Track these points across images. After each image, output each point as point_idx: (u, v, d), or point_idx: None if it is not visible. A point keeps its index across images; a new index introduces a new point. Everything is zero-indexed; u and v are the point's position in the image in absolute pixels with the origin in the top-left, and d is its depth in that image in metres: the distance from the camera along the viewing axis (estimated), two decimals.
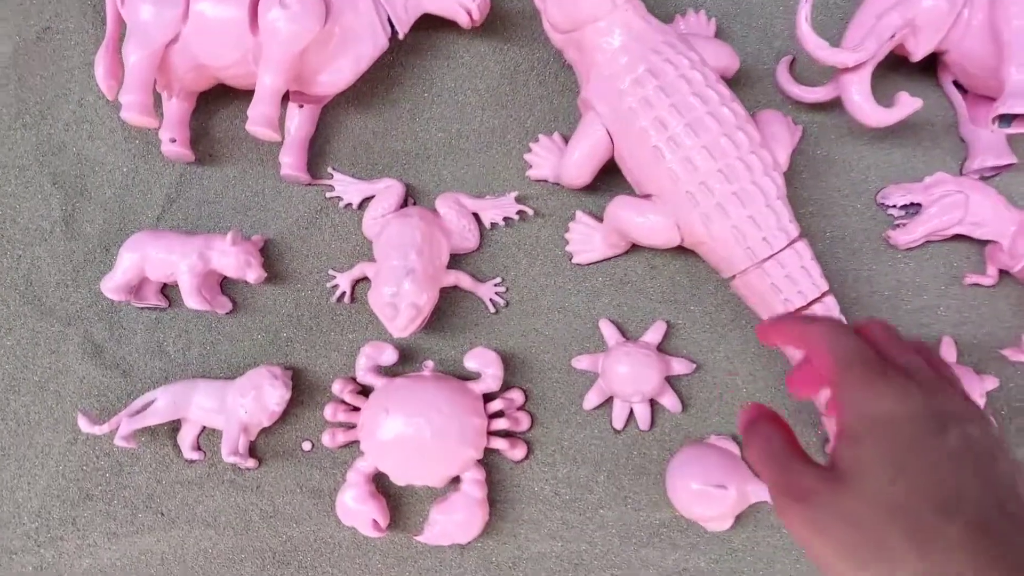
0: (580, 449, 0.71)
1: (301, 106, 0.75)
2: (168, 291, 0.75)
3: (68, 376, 0.72)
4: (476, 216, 0.75)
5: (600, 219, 0.74)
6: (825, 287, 0.64)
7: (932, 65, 0.77)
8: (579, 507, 0.70)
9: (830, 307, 0.64)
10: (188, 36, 0.69)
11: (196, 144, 0.77)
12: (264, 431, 0.71)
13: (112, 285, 0.70)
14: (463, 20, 0.74)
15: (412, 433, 0.66)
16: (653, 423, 0.71)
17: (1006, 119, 0.67)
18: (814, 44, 0.69)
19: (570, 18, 0.68)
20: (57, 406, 0.72)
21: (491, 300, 0.74)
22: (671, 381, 0.72)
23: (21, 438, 0.71)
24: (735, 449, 0.69)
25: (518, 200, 0.76)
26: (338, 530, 0.69)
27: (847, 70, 0.71)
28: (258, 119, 0.68)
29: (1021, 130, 0.68)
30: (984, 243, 0.73)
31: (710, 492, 0.64)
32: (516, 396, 0.71)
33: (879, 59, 0.71)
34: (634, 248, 0.74)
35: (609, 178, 0.72)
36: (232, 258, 0.70)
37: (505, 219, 0.76)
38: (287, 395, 0.69)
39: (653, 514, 0.69)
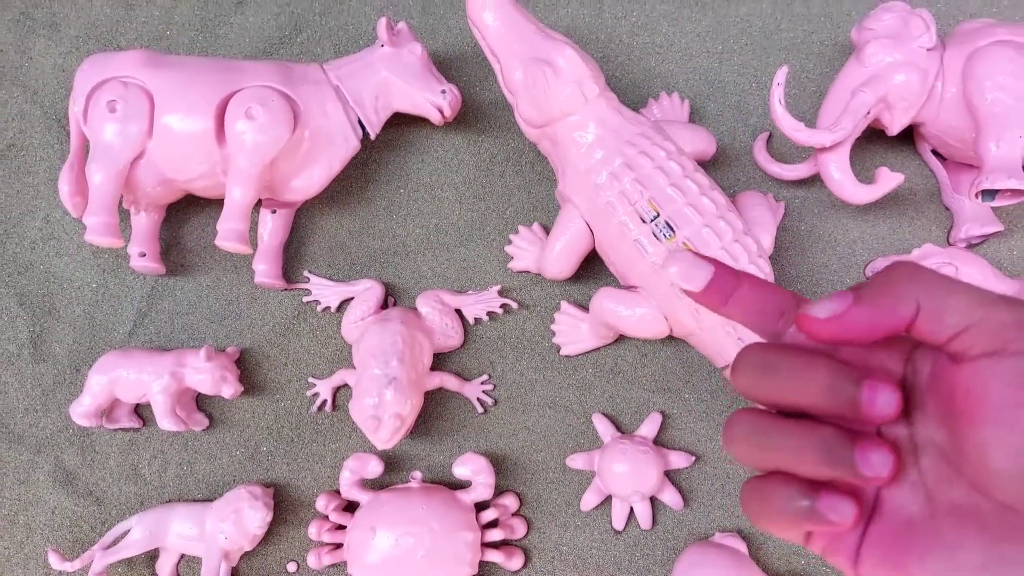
0: (580, 554, 0.68)
1: (273, 212, 0.74)
2: (141, 410, 0.72)
3: (39, 507, 0.69)
4: (459, 313, 0.74)
5: (585, 308, 0.72)
6: None
7: (911, 134, 0.77)
8: None
9: None
10: (154, 151, 0.68)
11: (167, 254, 0.75)
12: (246, 554, 0.67)
13: (82, 411, 0.67)
14: (435, 118, 0.74)
15: (402, 553, 0.62)
16: (655, 521, 0.68)
17: (989, 193, 0.67)
18: (790, 127, 0.68)
19: (543, 113, 0.67)
20: (28, 540, 0.68)
21: (479, 399, 0.72)
22: (670, 475, 0.69)
23: None
24: (743, 547, 0.66)
25: (501, 293, 0.74)
26: None
27: (825, 149, 0.70)
28: (228, 235, 0.66)
29: (1007, 203, 0.67)
30: None
31: None
32: (510, 502, 0.68)
33: (856, 136, 0.70)
34: (623, 336, 0.72)
35: (592, 266, 0.71)
36: (207, 375, 0.68)
37: (489, 313, 0.74)
38: (268, 516, 0.65)
39: None
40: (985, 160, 0.65)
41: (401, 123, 0.77)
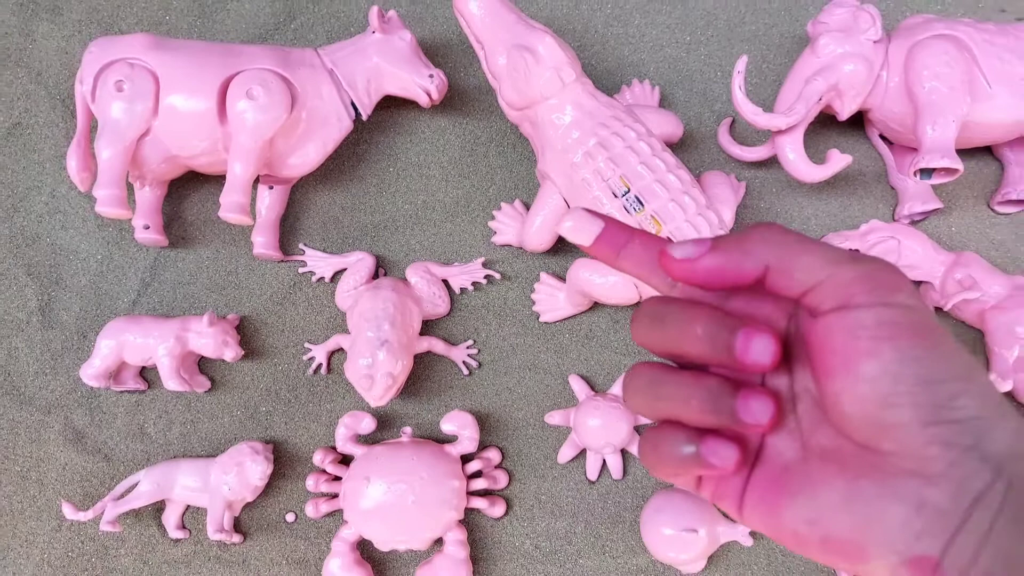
0: (557, 502, 0.74)
1: (271, 187, 0.78)
2: (146, 373, 0.76)
3: (50, 464, 0.73)
4: (446, 283, 0.79)
5: (562, 279, 0.78)
6: None
7: (862, 120, 0.84)
8: (559, 559, 0.72)
9: None
10: (159, 129, 0.72)
11: (169, 228, 0.80)
12: (248, 505, 0.73)
13: (92, 372, 0.72)
14: (423, 100, 0.79)
15: (394, 499, 0.68)
16: (625, 472, 0.74)
17: (927, 171, 0.74)
18: (749, 111, 0.75)
19: (523, 96, 0.72)
20: (40, 494, 0.72)
21: (464, 362, 0.77)
22: (639, 430, 0.75)
23: (4, 528, 0.72)
24: None
25: (485, 265, 0.79)
26: None
27: (781, 132, 0.76)
28: (231, 207, 0.71)
29: (942, 180, 0.74)
30: (918, 283, 0.79)
31: (682, 536, 0.68)
32: (493, 455, 0.74)
33: (809, 120, 0.77)
34: (597, 304, 0.78)
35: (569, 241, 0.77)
36: (209, 339, 0.72)
37: (473, 284, 0.79)
38: (269, 469, 0.70)
39: (631, 560, 0.72)
40: (923, 142, 0.72)
41: (391, 105, 0.82)
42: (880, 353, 0.24)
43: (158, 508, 0.72)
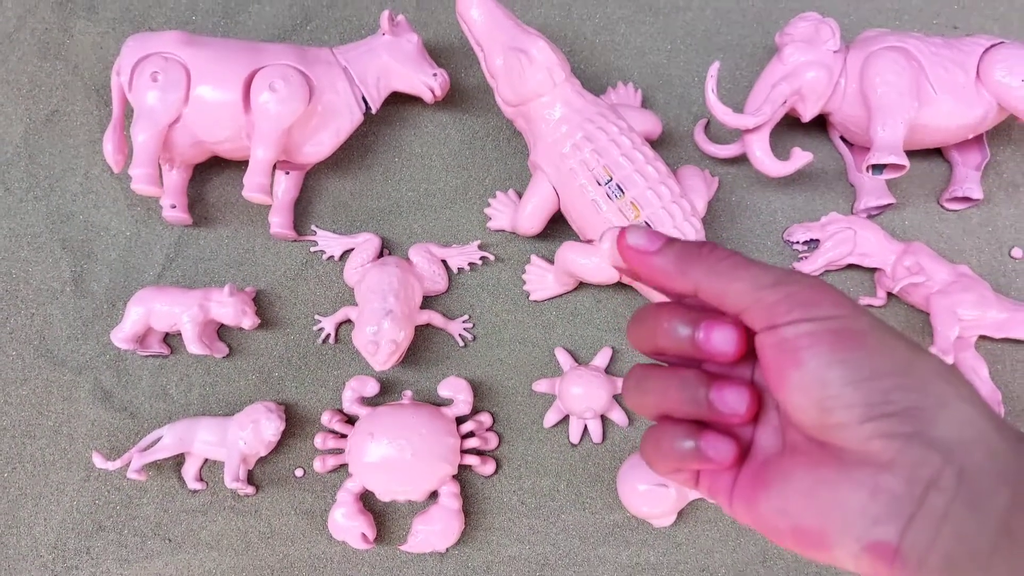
0: (542, 462, 0.81)
1: (287, 173, 0.86)
2: (170, 340, 0.83)
3: (80, 420, 0.80)
4: (444, 263, 0.87)
5: (551, 261, 0.86)
6: None
7: (824, 123, 0.92)
8: (543, 513, 0.79)
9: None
10: (189, 117, 0.80)
11: (192, 208, 0.87)
12: (261, 460, 0.79)
13: (122, 336, 0.79)
14: (427, 97, 0.87)
15: (395, 454, 0.75)
16: (604, 436, 0.82)
17: (878, 167, 0.82)
18: (720, 112, 0.83)
19: (518, 94, 0.81)
20: (70, 447, 0.79)
21: (460, 335, 0.85)
22: (618, 399, 0.83)
23: (37, 478, 0.78)
24: None
25: (480, 248, 0.87)
26: (330, 546, 0.77)
27: (749, 131, 0.85)
28: (253, 187, 0.78)
29: (892, 176, 0.82)
30: (873, 270, 0.87)
31: (654, 491, 0.75)
32: (485, 418, 0.81)
33: (775, 121, 0.85)
34: (582, 285, 0.85)
35: (557, 226, 0.85)
36: (229, 308, 0.80)
37: (470, 264, 0.87)
38: (282, 427, 0.77)
39: (608, 516, 0.79)
40: (874, 140, 0.80)
41: (398, 101, 0.90)
42: (803, 363, 0.26)
43: (178, 462, 0.79)
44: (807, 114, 0.86)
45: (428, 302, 0.85)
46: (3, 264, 0.85)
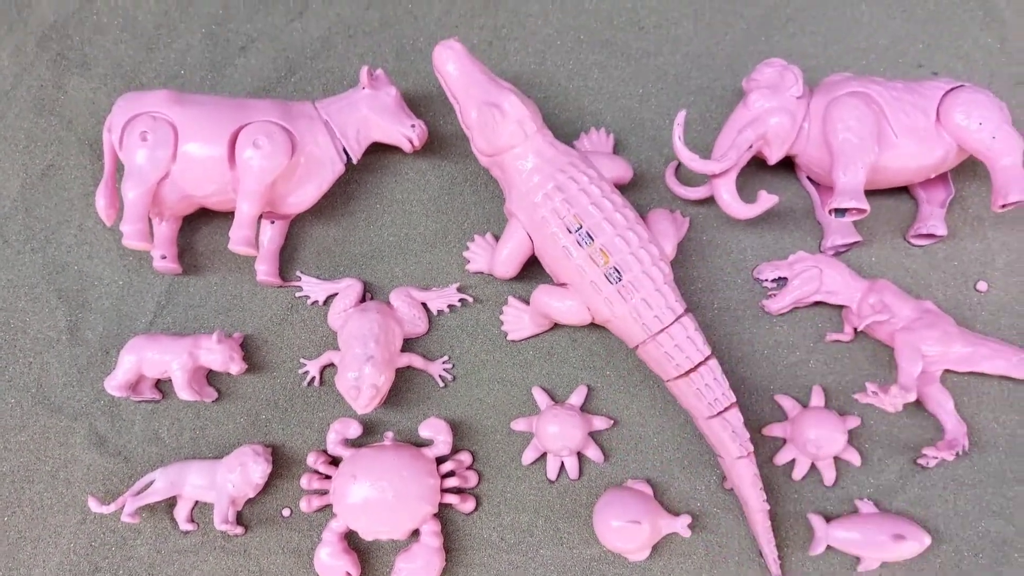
0: (521, 499, 0.84)
1: (272, 222, 0.90)
2: (161, 385, 0.87)
3: (76, 465, 0.83)
4: (425, 305, 0.90)
5: (528, 302, 0.89)
6: (708, 352, 0.79)
7: (793, 163, 0.95)
8: (522, 549, 0.82)
9: (712, 368, 0.79)
10: (177, 172, 0.83)
11: (182, 257, 0.90)
12: (249, 501, 0.83)
13: (115, 384, 0.82)
14: (406, 147, 0.90)
15: (377, 495, 0.78)
16: (581, 472, 0.85)
17: (840, 211, 0.85)
18: (687, 157, 0.86)
19: (492, 145, 0.84)
20: (67, 491, 0.83)
21: (440, 376, 0.88)
22: (594, 436, 0.86)
23: (36, 522, 0.81)
24: (648, 490, 0.83)
25: (460, 290, 0.90)
26: None
27: (716, 175, 0.88)
28: (239, 240, 0.82)
29: (853, 218, 0.85)
30: (841, 307, 0.90)
31: (627, 527, 0.78)
32: (464, 457, 0.84)
33: (741, 165, 0.88)
34: (558, 325, 0.89)
35: (534, 268, 0.88)
36: (217, 355, 0.83)
37: (449, 306, 0.90)
38: (268, 469, 0.80)
39: (585, 550, 0.82)
40: (836, 185, 0.83)
41: (379, 150, 0.94)
42: None
43: (170, 504, 0.82)
44: (773, 157, 0.90)
45: (409, 344, 0.89)
46: (1, 314, 0.88)
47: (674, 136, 0.86)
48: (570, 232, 0.80)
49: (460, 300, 0.90)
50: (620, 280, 0.78)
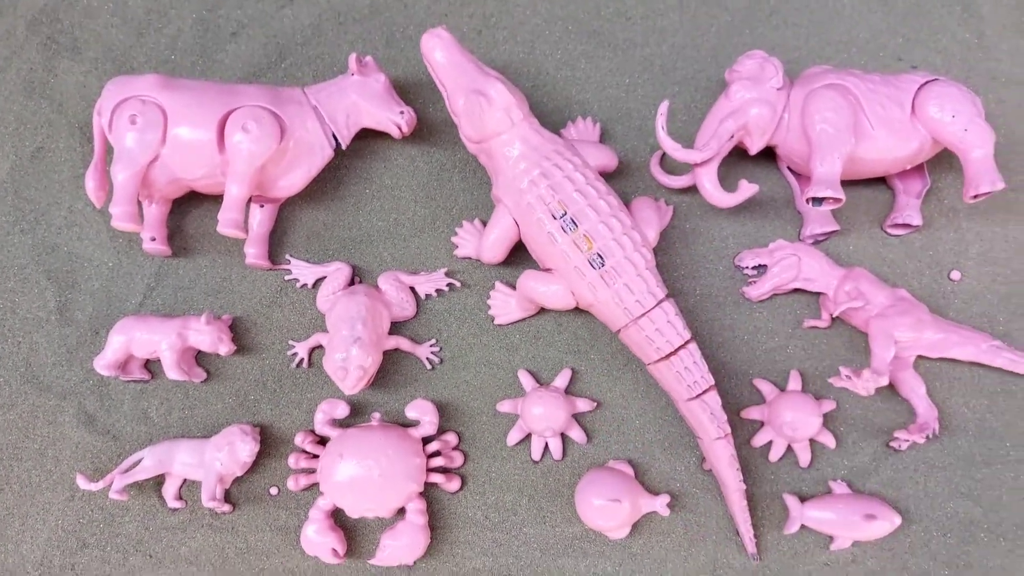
0: (506, 479, 0.86)
1: (262, 206, 0.91)
2: (151, 365, 0.88)
3: (64, 443, 0.84)
4: (413, 289, 0.91)
5: (514, 287, 0.90)
6: (688, 336, 0.81)
7: (774, 154, 0.97)
8: (506, 527, 0.84)
9: (692, 352, 0.81)
10: (166, 156, 0.84)
11: (171, 239, 0.91)
12: (237, 480, 0.84)
13: (104, 363, 0.83)
14: (395, 133, 0.92)
15: (363, 473, 0.79)
16: (564, 453, 0.87)
17: (817, 200, 0.87)
18: (670, 146, 0.88)
19: (479, 132, 0.85)
20: (56, 469, 0.83)
21: (428, 358, 0.89)
22: (577, 418, 0.88)
23: (24, 499, 0.82)
24: (629, 470, 0.85)
25: (447, 275, 0.92)
26: (303, 561, 0.82)
27: (698, 164, 0.90)
28: (228, 223, 0.83)
29: (831, 207, 0.87)
30: (819, 294, 0.92)
31: (608, 506, 0.79)
32: (451, 438, 0.86)
33: (723, 155, 0.90)
34: (544, 310, 0.90)
35: (521, 253, 0.89)
36: (206, 335, 0.84)
37: (437, 291, 0.91)
38: (256, 448, 0.82)
39: (567, 529, 0.84)
40: (814, 175, 0.86)
41: (368, 135, 0.95)
42: None
43: (158, 482, 0.83)
44: (753, 148, 0.91)
45: (397, 327, 0.90)
46: None
47: (657, 125, 0.88)
48: (555, 218, 0.82)
49: (448, 284, 0.92)
50: (603, 266, 0.80)
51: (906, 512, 0.84)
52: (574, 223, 0.81)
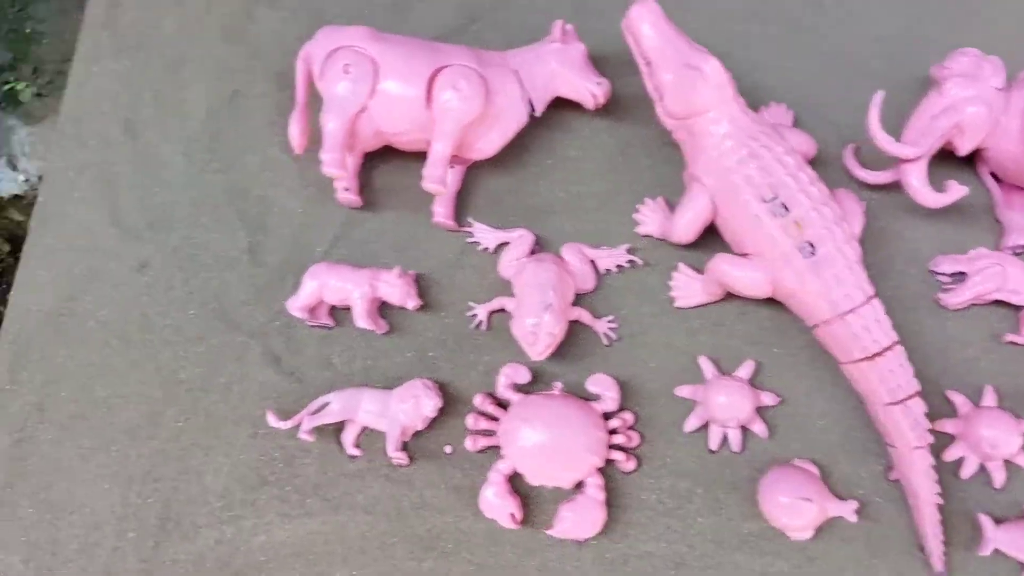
0: (680, 465, 0.84)
1: (453, 167, 0.90)
2: (335, 313, 0.88)
3: (250, 381, 0.85)
4: (593, 263, 0.90)
5: (700, 270, 0.88)
6: (895, 338, 0.77)
7: (971, 158, 0.93)
8: (680, 514, 0.82)
9: (899, 354, 0.77)
10: (373, 108, 0.85)
11: (360, 193, 0.92)
12: (413, 435, 0.84)
13: (298, 305, 0.84)
14: (589, 103, 0.91)
15: (548, 441, 0.78)
16: (744, 446, 0.84)
17: None
18: (884, 140, 0.85)
19: (687, 108, 0.84)
20: (241, 405, 0.85)
21: (605, 334, 0.88)
22: (760, 411, 0.85)
23: (209, 431, 0.84)
24: (815, 471, 0.82)
25: (629, 251, 0.90)
26: (475, 522, 0.81)
27: (907, 161, 0.86)
28: (433, 178, 0.83)
29: None
30: (1019, 308, 0.88)
31: (797, 504, 0.77)
32: (628, 417, 0.84)
33: (932, 153, 0.87)
34: (729, 296, 0.88)
35: (705, 237, 0.87)
36: (397, 288, 0.84)
37: (618, 266, 0.90)
38: (439, 404, 0.81)
39: (743, 524, 0.82)
40: None
41: (554, 106, 0.94)
42: None
43: (337, 428, 0.84)
44: (963, 148, 0.88)
45: (576, 300, 0.89)
46: (185, 228, 0.91)
47: (871, 118, 0.85)
48: (764, 201, 0.79)
49: (629, 261, 0.90)
50: (814, 254, 0.77)
51: None
52: (784, 208, 0.78)
